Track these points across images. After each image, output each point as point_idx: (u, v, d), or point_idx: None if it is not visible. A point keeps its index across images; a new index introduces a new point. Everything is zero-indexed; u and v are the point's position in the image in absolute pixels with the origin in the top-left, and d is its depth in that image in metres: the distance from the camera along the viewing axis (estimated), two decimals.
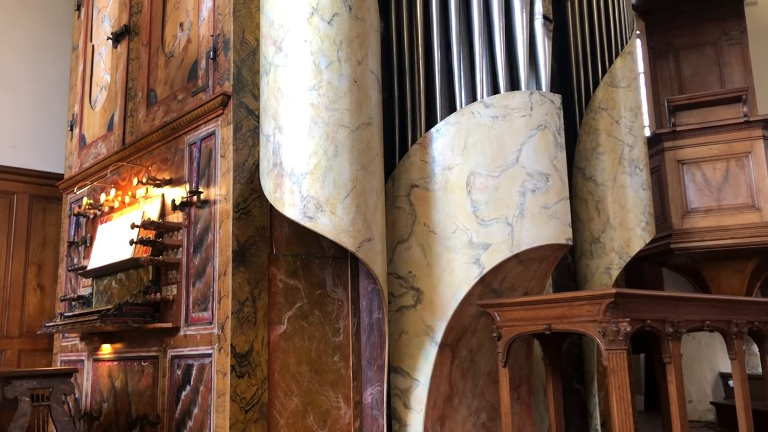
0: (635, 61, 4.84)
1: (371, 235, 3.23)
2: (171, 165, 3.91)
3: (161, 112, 4.08)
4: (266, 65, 3.38)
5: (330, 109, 3.23)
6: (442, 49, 3.89)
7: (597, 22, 4.84)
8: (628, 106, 4.63)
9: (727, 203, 5.00)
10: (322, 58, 3.25)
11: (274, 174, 3.23)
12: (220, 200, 3.47)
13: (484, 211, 3.50)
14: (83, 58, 5.23)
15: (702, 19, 7.19)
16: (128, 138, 4.38)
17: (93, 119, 4.94)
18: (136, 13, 4.55)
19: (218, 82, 3.61)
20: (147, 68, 4.29)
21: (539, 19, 3.95)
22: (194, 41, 3.87)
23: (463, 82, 3.83)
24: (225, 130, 3.51)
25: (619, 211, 4.43)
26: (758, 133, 4.95)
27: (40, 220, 5.85)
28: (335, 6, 3.29)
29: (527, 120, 3.62)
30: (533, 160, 3.56)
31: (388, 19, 4.03)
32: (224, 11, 3.64)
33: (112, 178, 4.49)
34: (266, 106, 3.36)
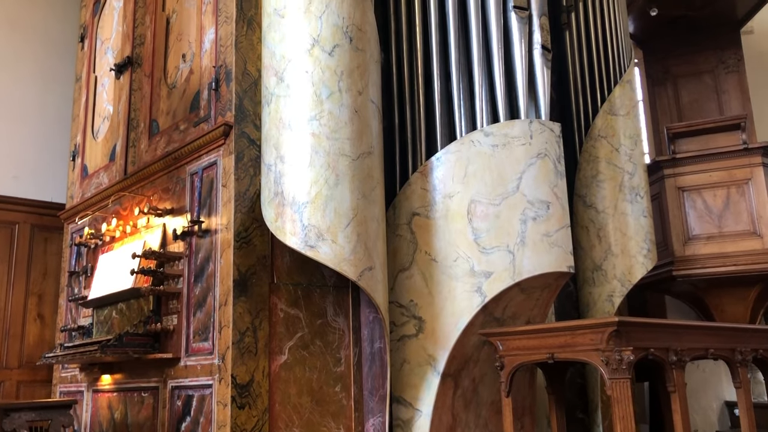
0: (634, 90, 4.88)
1: (372, 264, 3.22)
2: (172, 194, 3.92)
3: (163, 142, 4.10)
4: (268, 96, 3.41)
5: (331, 138, 3.24)
6: (441, 79, 3.92)
7: (595, 51, 4.89)
8: (627, 133, 4.66)
9: (729, 230, 4.99)
10: (323, 89, 3.28)
11: (275, 203, 3.24)
12: (222, 229, 3.47)
13: (485, 239, 3.49)
14: (86, 89, 5.28)
15: (699, 48, 7.26)
16: (130, 168, 4.40)
17: (95, 149, 4.97)
18: (139, 44, 4.60)
19: (220, 113, 3.64)
20: (149, 99, 4.33)
21: (538, 49, 3.99)
22: (196, 72, 3.91)
23: (463, 111, 3.86)
24: (227, 160, 3.52)
25: (620, 238, 4.43)
26: (758, 160, 4.97)
27: (41, 249, 5.85)
28: (336, 38, 3.33)
29: (527, 148, 3.63)
30: (534, 188, 3.57)
31: (388, 49, 4.08)
32: (226, 43, 3.68)
33: (113, 208, 4.50)
34: (268, 135, 3.38)
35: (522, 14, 3.97)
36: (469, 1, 3.94)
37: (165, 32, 4.33)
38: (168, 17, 4.34)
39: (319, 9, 3.34)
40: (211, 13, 3.85)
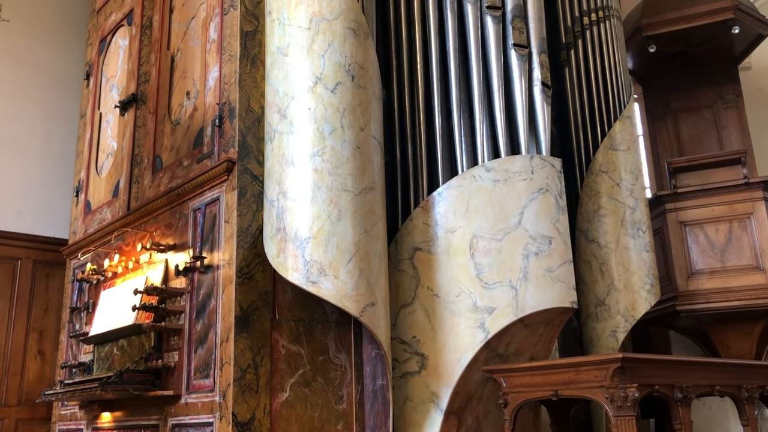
0: (634, 125, 4.92)
1: (374, 300, 3.21)
2: (175, 230, 3.93)
3: (166, 178, 4.12)
4: (271, 132, 3.44)
5: (333, 174, 3.26)
6: (442, 115, 3.96)
7: (595, 87, 4.94)
8: (628, 168, 4.68)
9: (732, 264, 4.98)
10: (326, 125, 3.31)
11: (277, 239, 3.24)
12: (224, 265, 3.47)
13: (487, 275, 3.49)
14: (91, 125, 5.33)
15: (698, 84, 7.33)
16: (133, 204, 4.42)
17: (99, 185, 5.00)
18: (143, 82, 4.66)
19: (223, 149, 3.67)
20: (153, 135, 4.37)
21: (538, 85, 4.04)
22: (200, 109, 3.95)
23: (464, 147, 3.88)
24: (229, 196, 3.54)
25: (623, 273, 4.41)
26: (759, 194, 4.98)
27: (43, 285, 5.84)
28: (338, 75, 3.37)
29: (528, 183, 3.65)
30: (535, 223, 3.57)
31: (390, 86, 4.12)
32: (230, 81, 3.73)
33: (116, 244, 4.51)
34: (270, 171, 3.40)
35: (522, 52, 4.02)
36: (470, 39, 3.99)
37: (170, 70, 4.39)
38: (173, 55, 4.41)
39: (322, 48, 3.39)
40: (215, 52, 3.90)
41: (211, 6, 4.04)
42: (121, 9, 5.22)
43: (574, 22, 5.03)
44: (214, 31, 3.95)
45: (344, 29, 3.43)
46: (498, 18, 4.03)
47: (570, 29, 5.03)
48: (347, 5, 3.45)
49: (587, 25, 5.04)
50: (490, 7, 4.04)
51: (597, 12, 5.08)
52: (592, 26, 5.04)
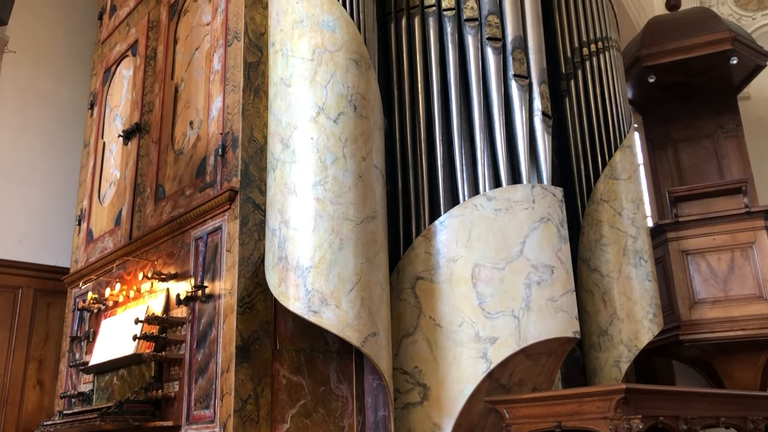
0: (634, 154, 4.94)
1: (376, 330, 3.20)
2: (177, 259, 3.93)
3: (169, 207, 4.14)
4: (273, 161, 3.46)
5: (335, 203, 3.27)
6: (444, 144, 3.98)
7: (595, 116, 4.97)
8: (629, 197, 4.69)
9: (734, 294, 4.96)
10: (328, 155, 3.33)
11: (279, 268, 3.24)
12: (225, 294, 3.46)
13: (490, 304, 3.48)
14: (94, 154, 5.36)
15: (698, 113, 7.39)
16: (135, 232, 4.43)
17: (101, 214, 5.01)
18: (147, 112, 4.70)
19: (226, 178, 3.68)
20: (156, 164, 4.40)
21: (538, 115, 4.07)
22: (203, 139, 3.98)
23: (466, 176, 3.90)
24: (232, 225, 3.55)
25: (625, 302, 4.40)
26: (760, 223, 4.98)
27: (43, 314, 5.82)
28: (341, 106, 3.40)
29: (530, 213, 3.66)
30: (537, 252, 3.57)
31: (391, 116, 4.15)
32: (234, 111, 3.76)
33: (117, 273, 4.51)
34: (272, 200, 3.41)
35: (522, 82, 4.06)
36: (470, 70, 4.04)
37: (173, 100, 4.43)
38: (177, 85, 4.45)
39: (325, 78, 3.42)
40: (219, 82, 3.94)
41: (215, 38, 4.09)
42: (125, 40, 5.28)
43: (574, 53, 5.08)
44: (217, 62, 4.00)
45: (346, 60, 3.47)
46: (498, 49, 4.08)
47: (570, 60, 5.08)
48: (349, 37, 3.50)
49: (587, 55, 5.09)
50: (490, 38, 4.09)
51: (596, 43, 5.13)
52: (592, 57, 5.09)
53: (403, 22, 4.24)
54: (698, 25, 6.68)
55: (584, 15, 5.14)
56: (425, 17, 4.19)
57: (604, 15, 5.21)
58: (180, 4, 4.61)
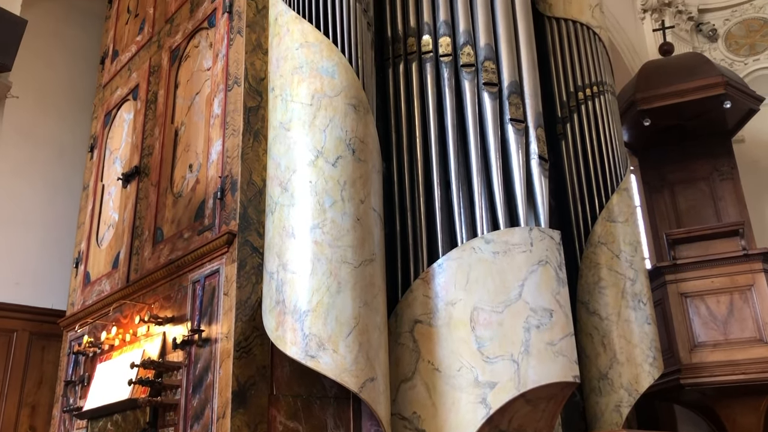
0: (631, 197, 4.96)
1: (374, 375, 3.16)
2: (174, 303, 3.91)
3: (167, 250, 4.13)
4: (272, 204, 3.47)
5: (333, 246, 3.27)
6: (442, 187, 4.00)
7: (591, 159, 5.01)
8: (627, 240, 4.69)
9: (734, 337, 4.93)
10: (326, 198, 3.34)
11: (276, 311, 3.22)
12: (222, 339, 3.43)
13: (489, 348, 3.45)
14: (93, 197, 5.37)
15: (693, 156, 7.46)
16: (132, 275, 4.42)
17: (99, 257, 5.00)
18: (147, 155, 4.73)
19: (224, 221, 3.69)
20: (155, 207, 4.40)
21: (535, 158, 4.10)
22: (202, 182, 4.00)
23: (464, 218, 3.91)
24: (229, 268, 3.54)
25: (625, 346, 4.36)
26: (758, 266, 4.98)
27: (38, 358, 5.75)
28: (339, 149, 3.43)
29: (528, 256, 3.66)
30: (536, 295, 3.56)
31: (389, 158, 4.18)
32: (233, 154, 3.79)
33: (114, 316, 4.48)
34: (271, 243, 3.41)
35: (519, 126, 4.11)
36: (467, 114, 4.08)
37: (173, 143, 4.47)
38: (177, 129, 4.49)
39: (324, 123, 3.45)
40: (219, 126, 3.98)
41: (215, 82, 4.14)
42: (127, 84, 5.35)
43: (570, 97, 5.15)
44: (218, 106, 4.05)
45: (345, 105, 3.51)
46: (495, 94, 4.14)
47: (565, 104, 5.14)
48: (348, 82, 3.55)
49: (582, 100, 5.16)
50: (487, 83, 4.15)
51: (591, 87, 5.21)
52: (587, 101, 5.16)
53: (401, 68, 4.30)
54: (691, 70, 6.79)
55: (579, 60, 5.22)
56: (423, 63, 4.25)
57: (598, 60, 5.29)
58: (181, 49, 4.68)
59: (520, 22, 4.48)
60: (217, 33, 4.26)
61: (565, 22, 5.24)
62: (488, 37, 4.27)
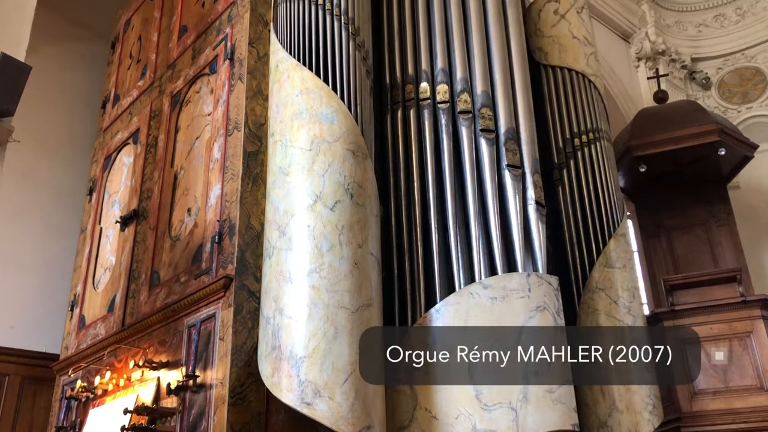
0: (628, 242, 4.96)
1: (371, 423, 3.12)
2: (169, 347, 3.88)
3: (163, 293, 4.11)
4: (269, 249, 3.47)
5: (330, 291, 3.26)
6: (439, 232, 4.01)
7: (588, 205, 5.01)
8: (625, 286, 4.67)
9: (735, 384, 4.88)
10: (324, 242, 3.35)
11: (272, 357, 3.19)
12: (216, 385, 3.39)
13: (487, 396, 3.41)
14: (90, 240, 5.37)
15: (689, 202, 7.49)
16: (128, 319, 4.39)
17: (94, 300, 4.97)
18: (145, 198, 4.75)
19: (221, 265, 3.69)
20: (152, 251, 4.40)
21: (532, 204, 4.12)
22: (201, 226, 4.01)
23: (461, 263, 3.91)
24: (225, 313, 3.52)
25: (624, 393, 4.31)
26: (757, 312, 4.96)
27: (29, 403, 5.65)
28: (337, 194, 3.45)
29: (526, 301, 3.64)
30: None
31: (387, 203, 4.20)
32: (232, 198, 3.81)
33: (108, 360, 4.43)
34: (267, 288, 3.40)
35: (515, 172, 4.14)
36: (465, 159, 4.12)
37: (172, 187, 4.49)
38: (176, 173, 4.52)
39: (322, 168, 3.48)
40: (218, 171, 4.01)
41: (215, 127, 4.19)
42: (127, 128, 5.40)
43: (566, 144, 5.19)
44: (217, 150, 4.08)
45: (344, 150, 3.54)
46: (492, 140, 4.18)
47: (562, 150, 5.18)
48: (347, 128, 3.59)
49: (578, 146, 5.19)
50: (483, 130, 4.19)
51: (587, 134, 5.25)
52: (583, 147, 5.19)
53: (399, 114, 4.35)
54: (686, 117, 6.88)
55: (575, 107, 5.28)
56: (420, 109, 4.31)
57: (594, 107, 5.35)
58: (182, 94, 4.75)
59: (516, 70, 4.56)
60: (219, 79, 4.32)
61: (560, 70, 5.31)
62: (485, 85, 4.34)
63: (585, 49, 5.39)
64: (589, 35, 5.44)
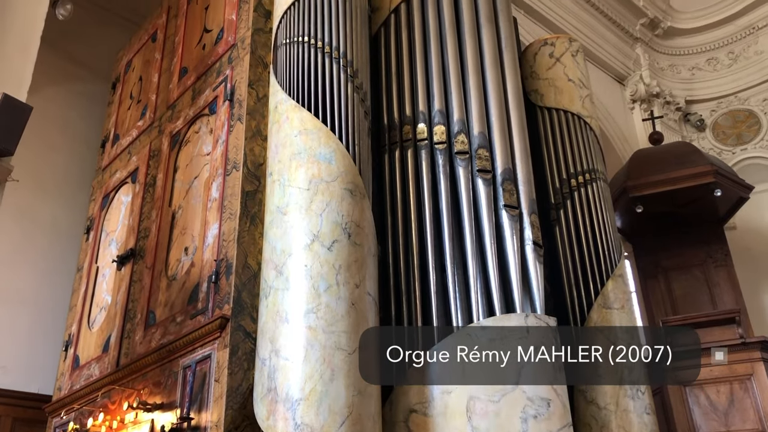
0: (626, 283, 4.94)
1: None
2: (163, 389, 3.82)
3: (159, 333, 4.08)
4: (266, 288, 3.46)
5: (327, 332, 3.23)
6: (437, 271, 3.99)
7: (585, 245, 5.01)
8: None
9: (736, 428, 4.81)
10: (321, 282, 3.33)
11: (267, 399, 3.15)
12: (211, 427, 3.34)
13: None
14: (86, 279, 5.34)
15: (686, 243, 7.49)
16: (123, 360, 4.34)
17: (89, 340, 4.92)
18: (143, 237, 4.74)
19: (218, 305, 3.66)
20: (149, 290, 4.38)
21: (529, 244, 4.12)
22: (197, 265, 3.99)
23: (459, 303, 3.88)
24: (221, 354, 3.48)
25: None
26: (757, 355, 4.92)
27: None
28: (335, 233, 3.45)
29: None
30: (533, 384, 3.50)
31: (385, 242, 4.19)
32: (229, 237, 3.80)
33: (101, 402, 4.36)
34: (264, 328, 3.37)
35: (512, 212, 4.14)
36: (462, 199, 4.13)
37: (170, 226, 4.49)
38: (174, 212, 4.52)
39: (320, 207, 3.49)
40: (216, 210, 4.01)
41: (214, 167, 4.21)
42: (126, 167, 5.42)
43: (562, 184, 5.21)
44: (216, 190, 4.09)
45: (342, 190, 3.55)
46: (489, 180, 4.20)
47: (558, 190, 5.20)
48: (345, 168, 3.61)
49: (575, 186, 5.22)
50: (480, 170, 4.22)
51: (584, 174, 5.28)
52: (580, 188, 5.22)
53: (397, 154, 4.38)
54: (681, 159, 6.94)
55: (571, 148, 5.32)
56: (418, 150, 4.33)
57: (590, 148, 5.39)
58: (182, 134, 4.78)
59: (512, 112, 4.60)
60: (218, 120, 4.36)
61: (556, 112, 5.37)
62: (482, 126, 4.37)
63: (580, 91, 5.46)
64: (584, 78, 5.52)
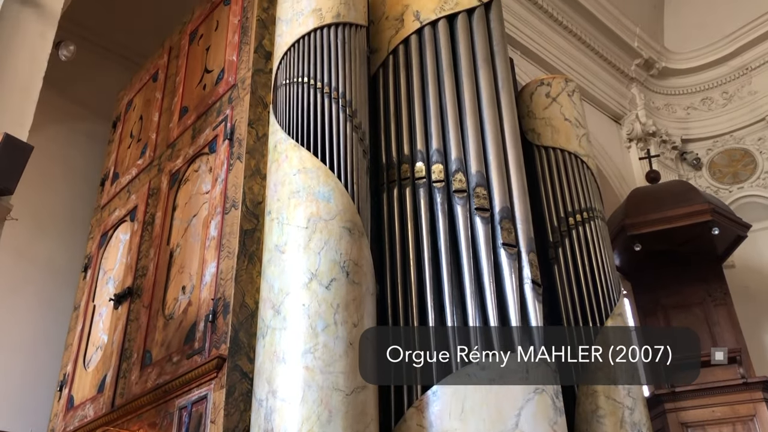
0: (626, 322, 4.92)
1: None
2: (159, 430, 3.77)
3: (155, 373, 4.03)
4: (264, 328, 3.44)
5: (325, 372, 3.21)
6: (435, 310, 3.97)
7: (584, 283, 5.00)
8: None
9: None
10: (319, 321, 3.32)
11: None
12: None
13: None
14: (83, 318, 5.30)
15: (685, 281, 7.49)
16: (118, 400, 4.28)
17: (84, 379, 4.86)
18: (140, 276, 4.73)
19: (215, 345, 3.63)
20: (145, 329, 4.34)
21: (528, 283, 4.11)
22: (194, 304, 3.97)
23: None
24: (217, 394, 3.44)
25: None
26: (759, 395, 4.88)
27: None
28: (333, 272, 3.44)
29: (524, 383, 3.58)
30: (533, 425, 3.45)
31: (383, 281, 4.18)
32: (227, 276, 3.79)
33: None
34: (261, 369, 3.34)
35: (511, 251, 4.14)
36: (460, 238, 4.13)
37: (168, 265, 4.48)
38: (172, 250, 4.52)
39: (318, 246, 3.49)
40: (214, 248, 4.01)
41: (213, 205, 4.22)
42: (125, 206, 5.43)
43: (560, 223, 5.23)
44: (214, 228, 4.09)
45: (340, 228, 3.56)
46: (487, 219, 4.20)
47: (557, 229, 5.21)
48: (343, 206, 3.62)
49: (573, 225, 5.23)
50: (478, 209, 4.23)
51: (582, 213, 5.30)
52: (578, 226, 5.23)
53: (395, 192, 4.39)
54: (678, 197, 6.97)
55: (568, 186, 5.35)
56: (416, 188, 4.35)
57: (587, 186, 5.42)
58: (181, 173, 4.80)
59: (509, 151, 4.63)
60: (218, 158, 4.38)
61: (553, 151, 5.42)
62: (479, 165, 4.40)
63: (577, 130, 5.52)
64: (580, 117, 5.58)
